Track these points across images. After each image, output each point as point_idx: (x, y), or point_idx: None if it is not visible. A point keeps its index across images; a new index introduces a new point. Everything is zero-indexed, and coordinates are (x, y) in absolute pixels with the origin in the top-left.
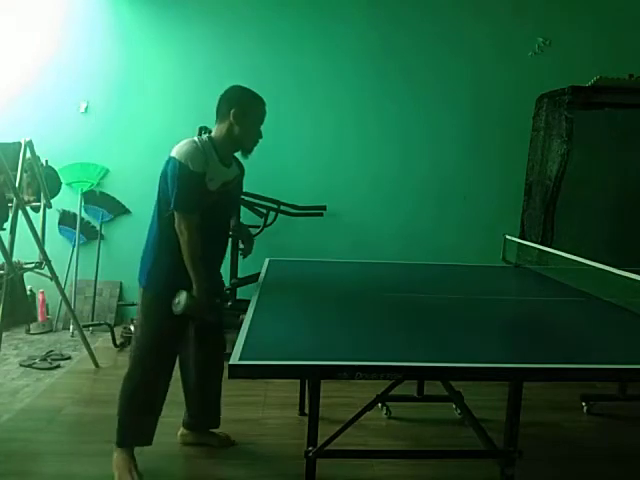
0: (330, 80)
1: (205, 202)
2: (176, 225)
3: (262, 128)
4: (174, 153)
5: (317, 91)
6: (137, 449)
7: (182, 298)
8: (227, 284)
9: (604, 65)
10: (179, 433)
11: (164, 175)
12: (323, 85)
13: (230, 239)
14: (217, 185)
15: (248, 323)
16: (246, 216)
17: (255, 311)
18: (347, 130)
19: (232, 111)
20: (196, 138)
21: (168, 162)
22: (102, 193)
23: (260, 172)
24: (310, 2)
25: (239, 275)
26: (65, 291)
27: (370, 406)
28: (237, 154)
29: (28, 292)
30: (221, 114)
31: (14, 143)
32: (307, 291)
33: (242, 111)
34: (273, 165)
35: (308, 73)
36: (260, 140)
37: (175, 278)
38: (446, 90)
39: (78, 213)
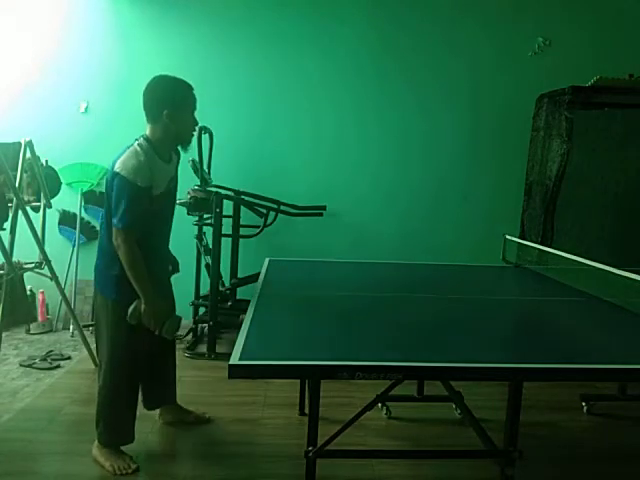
0: (330, 80)
1: (152, 209)
2: (113, 239)
3: (196, 114)
4: (119, 168)
5: (317, 91)
6: (134, 451)
7: (132, 308)
8: (227, 284)
9: (604, 65)
10: (158, 413)
11: (109, 189)
12: (323, 85)
13: (232, 240)
14: (163, 187)
15: (248, 323)
16: (246, 216)
17: (255, 311)
18: (347, 130)
19: (165, 112)
20: (137, 147)
21: (113, 178)
22: (102, 193)
23: (260, 172)
24: (310, 2)
25: (239, 275)
26: (65, 291)
27: (370, 406)
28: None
29: (28, 292)
30: (152, 115)
31: (14, 143)
32: (307, 291)
33: (175, 110)
34: (273, 165)
35: (308, 73)
36: (197, 127)
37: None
38: (446, 90)
39: (78, 213)
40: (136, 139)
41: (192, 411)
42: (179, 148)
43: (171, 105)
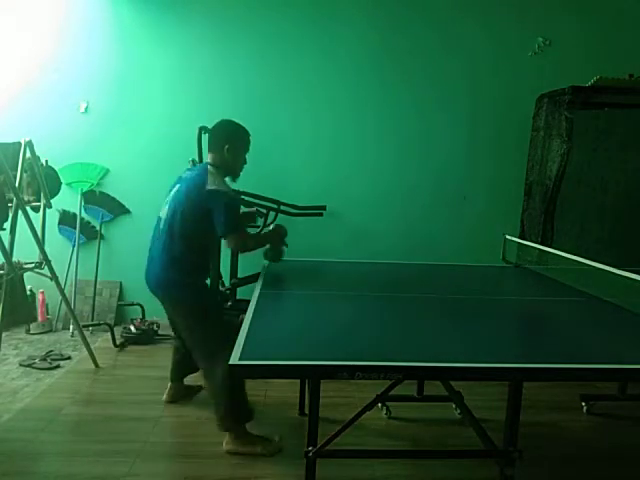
0: (330, 80)
1: None
2: (231, 245)
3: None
4: (214, 186)
5: (317, 91)
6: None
7: (266, 251)
8: (227, 284)
9: (604, 65)
10: (167, 390)
11: (202, 206)
12: (323, 85)
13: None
14: None
15: (248, 323)
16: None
17: (255, 311)
18: (347, 130)
19: (226, 147)
20: (213, 169)
21: (210, 195)
22: (102, 193)
23: (260, 172)
24: (310, 3)
25: (239, 275)
26: (65, 291)
27: (370, 406)
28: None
29: (28, 292)
30: (215, 145)
31: (14, 143)
32: (307, 291)
33: (234, 147)
34: (273, 165)
35: (308, 73)
36: (245, 164)
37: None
38: (446, 90)
39: (78, 213)
40: (205, 164)
41: (192, 385)
42: (229, 180)
43: (231, 142)
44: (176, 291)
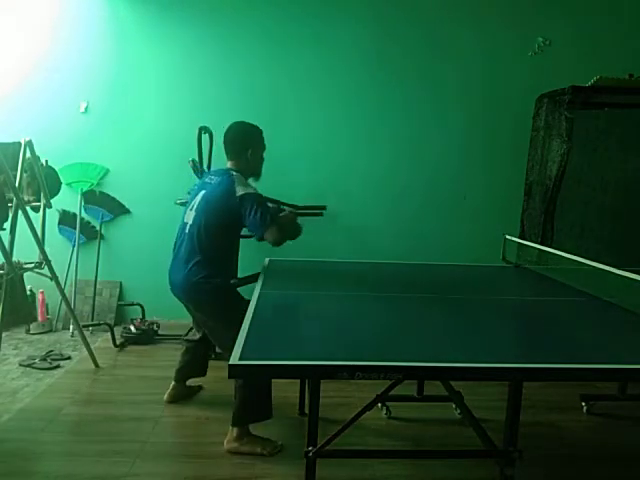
0: (327, 81)
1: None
2: (268, 238)
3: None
4: (242, 191)
5: (317, 91)
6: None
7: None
8: None
9: (604, 65)
10: (168, 390)
11: (233, 212)
12: (321, 86)
13: None
14: None
15: (248, 323)
16: None
17: (255, 311)
18: (347, 131)
19: (249, 152)
20: (237, 174)
21: (242, 201)
22: (102, 193)
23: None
24: (307, 7)
25: (239, 275)
26: (65, 291)
27: (370, 406)
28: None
29: (28, 292)
30: (237, 151)
31: (14, 143)
32: (307, 291)
33: (255, 149)
34: (273, 165)
35: (308, 73)
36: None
37: (233, 275)
38: (446, 90)
39: (78, 213)
40: (228, 170)
41: (192, 386)
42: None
43: (253, 145)
44: (205, 294)
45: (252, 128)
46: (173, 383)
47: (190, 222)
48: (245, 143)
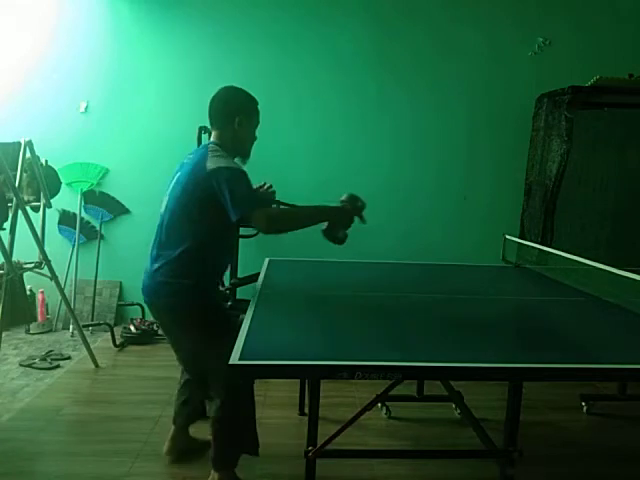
0: (331, 80)
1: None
2: (257, 224)
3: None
4: (216, 164)
5: (316, 91)
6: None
7: (329, 232)
8: (227, 284)
9: (604, 65)
10: (168, 438)
11: (204, 192)
12: (320, 86)
13: None
14: None
15: (248, 323)
16: None
17: (255, 311)
18: (347, 131)
19: (237, 119)
20: (216, 146)
21: (212, 175)
22: (102, 193)
23: (259, 172)
24: (307, 6)
25: (239, 275)
26: (65, 291)
27: (370, 406)
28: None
29: (28, 292)
30: (222, 120)
31: (14, 143)
32: (307, 291)
33: (246, 118)
34: (272, 165)
35: (308, 73)
36: (255, 141)
37: (211, 282)
38: (446, 90)
39: (78, 213)
40: (207, 143)
41: (198, 439)
42: (239, 160)
43: (244, 113)
44: (171, 298)
45: (245, 94)
46: (173, 428)
47: (162, 210)
48: (236, 109)
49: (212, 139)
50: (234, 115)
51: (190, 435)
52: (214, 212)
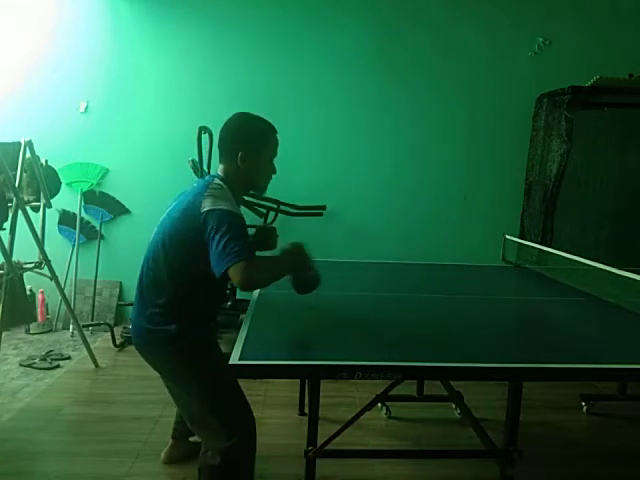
0: (331, 79)
1: None
2: (237, 278)
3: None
4: (209, 207)
5: (316, 91)
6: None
7: (296, 282)
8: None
9: (604, 65)
10: (165, 449)
11: (196, 235)
12: (321, 86)
13: None
14: None
15: (248, 323)
16: (246, 216)
17: (255, 311)
18: (348, 131)
19: (240, 155)
20: (219, 182)
21: (207, 218)
22: (102, 193)
23: None
24: (307, 6)
25: None
26: (65, 291)
27: (370, 406)
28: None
29: (28, 292)
30: (226, 154)
31: (14, 143)
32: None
33: (251, 153)
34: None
35: (308, 74)
36: (274, 174)
37: (205, 325)
38: (446, 90)
39: (78, 213)
40: (211, 177)
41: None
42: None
43: (246, 147)
44: (156, 347)
45: (256, 125)
46: (171, 441)
47: (150, 240)
48: (237, 142)
49: (218, 172)
50: (237, 150)
51: (189, 441)
52: (199, 259)
